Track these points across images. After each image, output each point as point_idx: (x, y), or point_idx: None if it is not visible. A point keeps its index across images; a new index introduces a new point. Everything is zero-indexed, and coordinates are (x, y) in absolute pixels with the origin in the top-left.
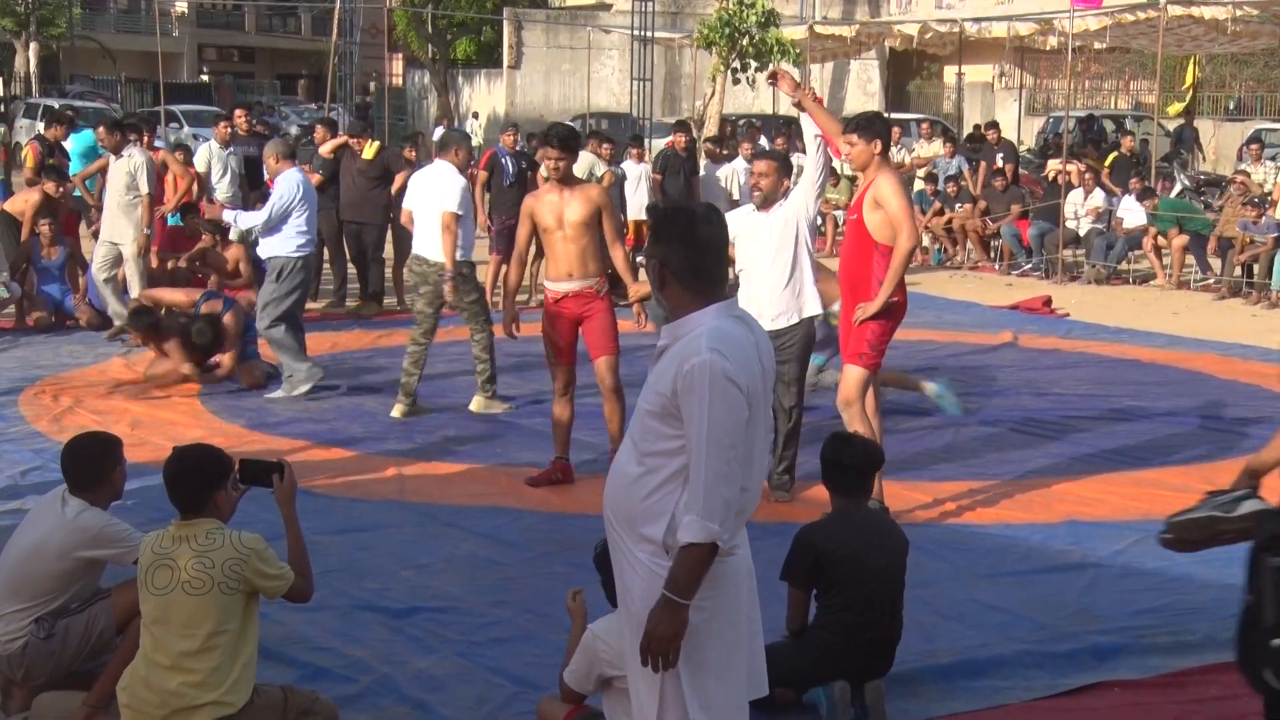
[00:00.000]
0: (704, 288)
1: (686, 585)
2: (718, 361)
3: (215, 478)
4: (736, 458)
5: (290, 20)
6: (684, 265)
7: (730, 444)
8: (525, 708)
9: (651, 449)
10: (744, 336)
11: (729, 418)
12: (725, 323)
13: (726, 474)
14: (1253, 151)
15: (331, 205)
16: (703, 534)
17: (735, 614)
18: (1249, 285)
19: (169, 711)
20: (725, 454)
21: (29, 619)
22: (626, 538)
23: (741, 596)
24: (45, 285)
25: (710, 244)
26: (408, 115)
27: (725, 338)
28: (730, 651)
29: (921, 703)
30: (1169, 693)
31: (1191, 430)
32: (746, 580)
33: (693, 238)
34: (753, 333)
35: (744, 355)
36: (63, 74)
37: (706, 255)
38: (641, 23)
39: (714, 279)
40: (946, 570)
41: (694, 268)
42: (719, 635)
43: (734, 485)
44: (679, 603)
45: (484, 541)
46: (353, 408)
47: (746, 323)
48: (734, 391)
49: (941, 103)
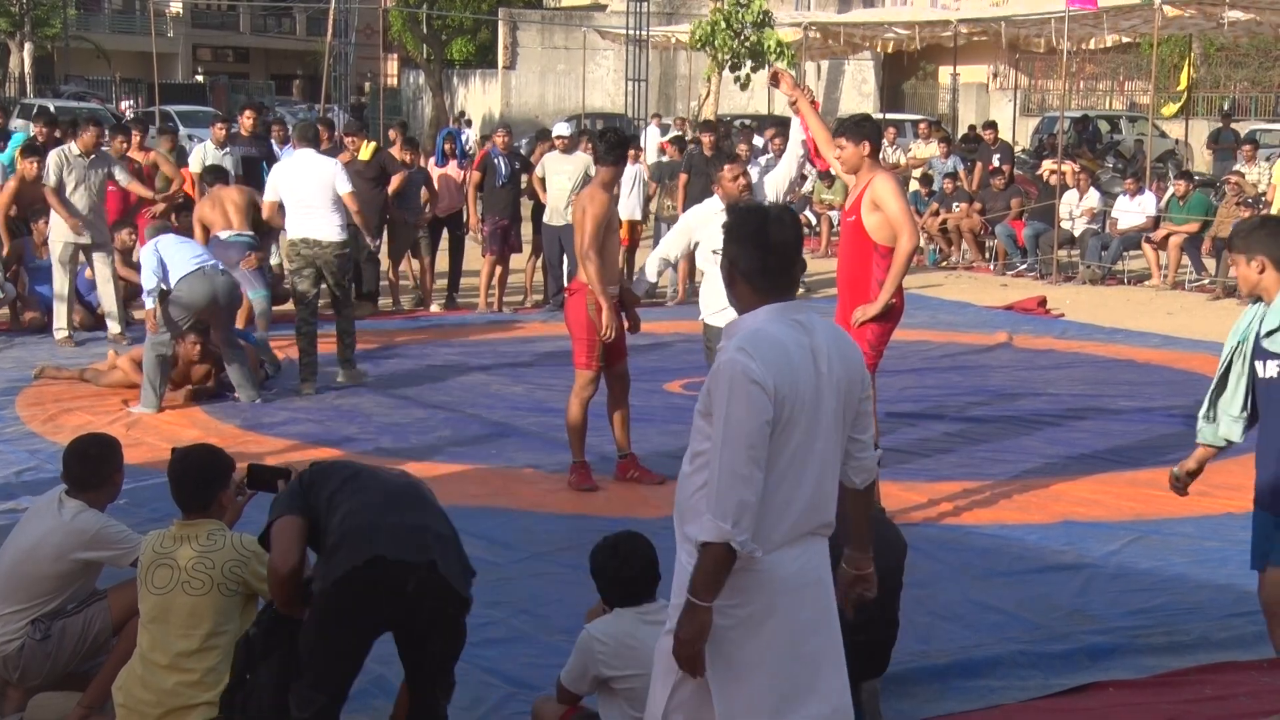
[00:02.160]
0: (769, 289)
1: (702, 585)
2: (740, 360)
3: (219, 477)
4: (755, 459)
5: (285, 21)
6: (753, 266)
7: (748, 444)
8: (520, 708)
9: (697, 448)
10: (791, 339)
11: (748, 418)
12: (774, 325)
13: (743, 475)
14: (1246, 152)
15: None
16: (714, 533)
17: (768, 624)
18: None
19: (165, 711)
20: (742, 454)
21: (25, 620)
22: (677, 535)
23: (779, 607)
24: (38, 285)
25: (780, 246)
26: (402, 116)
27: (761, 338)
28: (758, 661)
29: (917, 703)
30: (1164, 693)
31: (1186, 431)
32: (795, 593)
33: (764, 239)
34: (811, 337)
35: (780, 357)
36: (58, 74)
37: (776, 256)
38: (636, 23)
39: (781, 281)
40: (942, 570)
41: (762, 268)
42: (743, 645)
43: (750, 486)
44: (697, 604)
45: (479, 542)
46: (347, 408)
47: (806, 327)
48: (756, 392)
49: (937, 103)
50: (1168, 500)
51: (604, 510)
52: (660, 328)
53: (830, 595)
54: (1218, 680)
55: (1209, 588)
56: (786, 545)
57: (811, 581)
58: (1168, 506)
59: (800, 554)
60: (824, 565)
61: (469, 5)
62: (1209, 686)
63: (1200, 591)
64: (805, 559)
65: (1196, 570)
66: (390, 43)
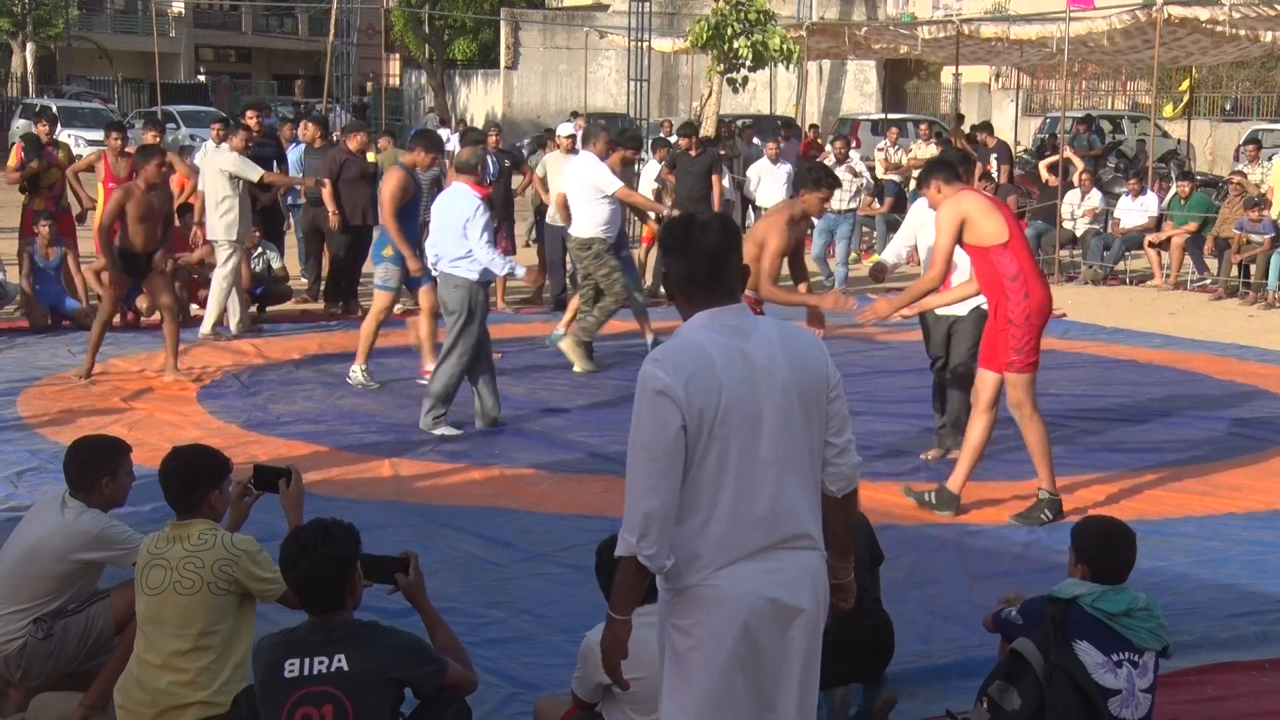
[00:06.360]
0: (700, 297)
1: (616, 598)
2: (649, 371)
3: (208, 477)
4: (660, 470)
5: (287, 21)
6: (681, 274)
7: (651, 456)
8: (522, 708)
9: None
10: (716, 344)
11: (652, 429)
12: (699, 332)
13: (647, 486)
14: (1249, 152)
15: (313, 207)
16: (621, 547)
17: (728, 643)
18: (1245, 285)
19: (159, 710)
20: (645, 466)
21: (27, 619)
22: None
23: (741, 624)
24: (41, 286)
25: (705, 252)
26: (404, 116)
27: (674, 347)
28: (722, 683)
29: (918, 703)
30: (1165, 693)
31: (1188, 431)
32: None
33: (688, 247)
34: (746, 341)
35: (695, 364)
36: (59, 74)
37: (702, 264)
38: (639, 24)
39: (710, 288)
40: (943, 570)
41: (689, 276)
42: (705, 665)
43: (655, 498)
44: (613, 617)
45: (480, 542)
46: (348, 408)
47: (741, 330)
48: (661, 401)
49: (939, 103)
50: (1170, 500)
51: (605, 510)
52: (661, 327)
53: (809, 611)
54: (1219, 680)
55: (1210, 588)
56: (744, 560)
57: (781, 599)
58: (1169, 507)
59: (764, 569)
60: (800, 580)
61: (471, 5)
62: (1210, 687)
63: (1202, 591)
64: (773, 575)
65: (1198, 570)
66: (392, 43)
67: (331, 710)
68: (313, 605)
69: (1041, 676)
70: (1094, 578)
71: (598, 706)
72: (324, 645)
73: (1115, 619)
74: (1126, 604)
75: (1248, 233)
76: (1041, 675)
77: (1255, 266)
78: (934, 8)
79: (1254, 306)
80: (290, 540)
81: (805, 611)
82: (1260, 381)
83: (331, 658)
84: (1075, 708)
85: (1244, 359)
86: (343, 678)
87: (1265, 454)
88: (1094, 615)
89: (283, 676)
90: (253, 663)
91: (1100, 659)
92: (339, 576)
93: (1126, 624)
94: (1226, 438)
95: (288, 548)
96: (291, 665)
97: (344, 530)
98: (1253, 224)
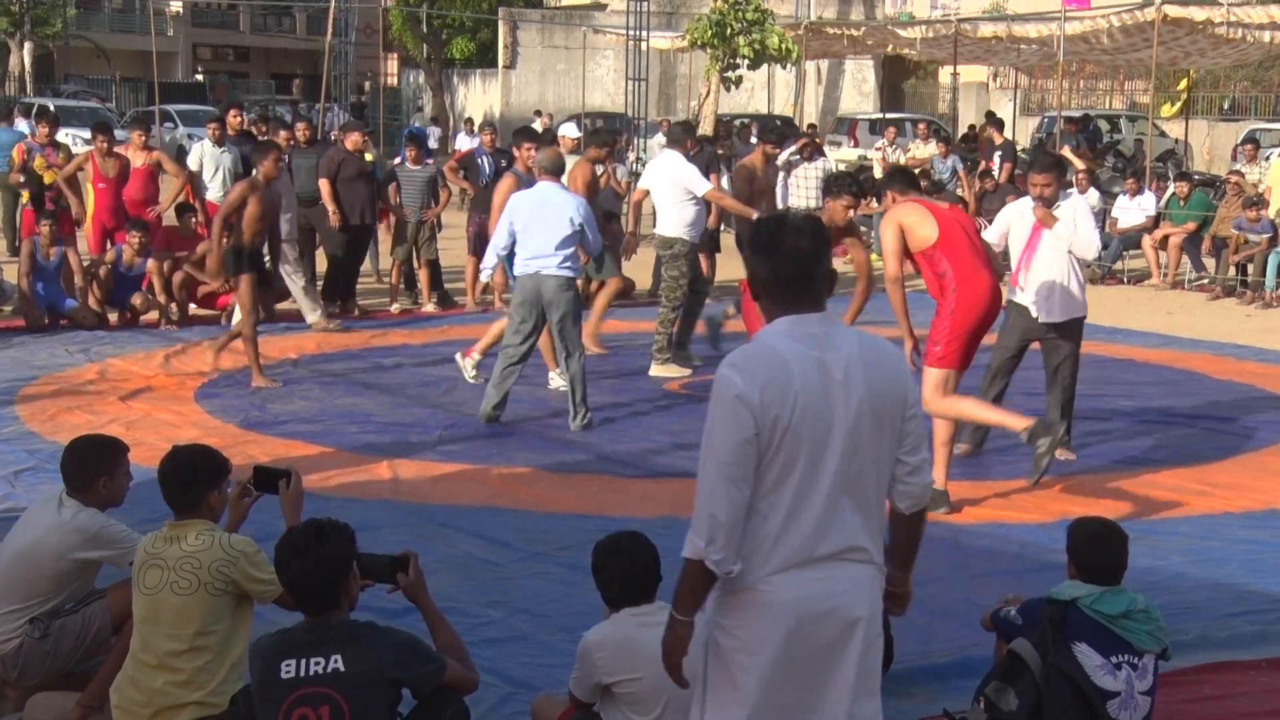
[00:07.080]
0: (787, 300)
1: (680, 600)
2: (725, 376)
3: (207, 477)
4: (732, 477)
5: (285, 20)
6: (767, 276)
7: (725, 461)
8: (519, 708)
9: None
10: (796, 352)
11: (725, 436)
12: (780, 338)
13: (720, 493)
14: (1247, 151)
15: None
16: (688, 548)
17: (769, 649)
18: (1243, 285)
19: (155, 710)
20: (718, 471)
21: (24, 619)
22: None
23: (784, 632)
24: (42, 285)
25: (794, 254)
26: (402, 115)
27: (753, 353)
28: (767, 686)
29: (917, 703)
30: (1163, 693)
31: (1185, 430)
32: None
33: (777, 247)
34: (825, 350)
35: (773, 371)
36: (58, 73)
37: (790, 265)
38: (636, 23)
39: (797, 291)
40: (942, 570)
41: (775, 278)
42: (747, 669)
43: (726, 505)
44: (676, 618)
45: (478, 542)
46: (347, 408)
47: (822, 340)
48: (738, 409)
49: (937, 103)
50: (1167, 500)
51: (604, 510)
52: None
53: (859, 626)
54: (1217, 680)
55: (1208, 587)
56: (795, 569)
57: (829, 609)
58: (1167, 506)
59: (814, 579)
60: (853, 593)
61: (469, 5)
62: (1208, 686)
63: (1199, 591)
64: (822, 585)
65: (1195, 570)
66: (390, 42)
67: (328, 711)
68: (307, 605)
69: (1039, 677)
70: (1083, 578)
71: (595, 706)
72: (320, 646)
73: (1114, 621)
74: (1125, 606)
75: (1245, 232)
76: (1039, 676)
77: (1253, 266)
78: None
79: (1252, 306)
80: (284, 540)
81: (855, 620)
82: (1258, 381)
83: (328, 658)
84: (1073, 709)
85: (1241, 358)
86: (339, 678)
87: (1262, 453)
88: (1093, 617)
89: (279, 677)
90: (249, 663)
91: (1099, 661)
92: (333, 577)
93: (1125, 626)
94: (1224, 437)
95: (281, 548)
96: (288, 666)
97: (338, 530)
98: (1250, 223)
